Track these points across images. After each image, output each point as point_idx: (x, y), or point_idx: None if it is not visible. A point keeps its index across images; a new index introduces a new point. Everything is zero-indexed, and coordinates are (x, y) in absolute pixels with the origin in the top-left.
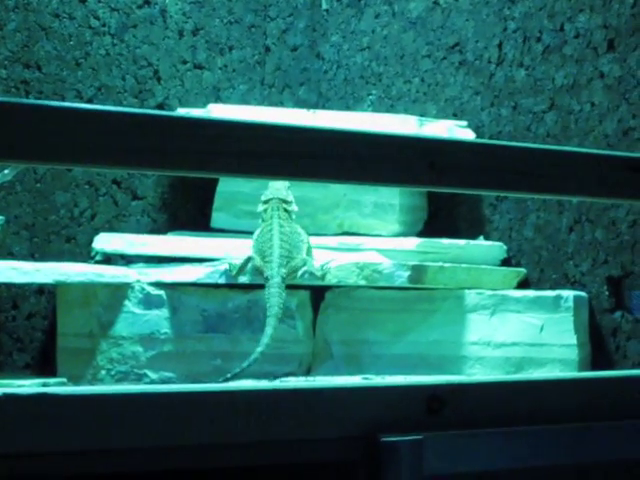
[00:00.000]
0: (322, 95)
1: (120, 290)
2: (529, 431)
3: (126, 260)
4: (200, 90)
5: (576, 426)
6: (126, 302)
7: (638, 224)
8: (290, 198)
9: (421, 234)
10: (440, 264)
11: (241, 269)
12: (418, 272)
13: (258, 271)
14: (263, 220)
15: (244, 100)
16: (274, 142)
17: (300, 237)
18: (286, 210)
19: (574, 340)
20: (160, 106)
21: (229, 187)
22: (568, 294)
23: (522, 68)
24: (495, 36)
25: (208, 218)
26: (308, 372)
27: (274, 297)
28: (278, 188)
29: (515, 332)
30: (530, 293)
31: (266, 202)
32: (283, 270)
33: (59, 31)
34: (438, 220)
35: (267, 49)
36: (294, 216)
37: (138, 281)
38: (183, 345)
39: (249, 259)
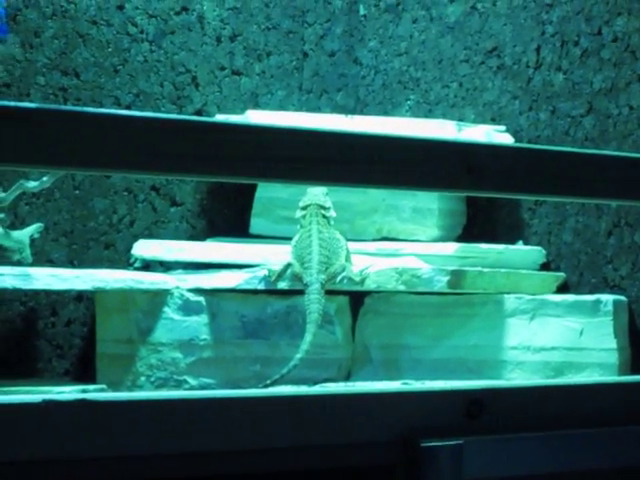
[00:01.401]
0: (360, 100)
1: (159, 296)
2: (569, 435)
3: (165, 266)
4: (238, 96)
5: (616, 430)
6: (165, 308)
7: None
8: (328, 204)
9: (459, 239)
10: (479, 269)
11: (280, 275)
12: (457, 277)
13: (297, 277)
14: (302, 226)
15: (282, 106)
16: (308, 147)
17: (339, 243)
18: (324, 216)
19: (614, 344)
20: (198, 112)
21: (267, 193)
22: (607, 298)
23: (560, 72)
24: (533, 40)
25: (247, 224)
26: (347, 377)
27: (314, 303)
28: (316, 194)
29: (554, 336)
30: (569, 297)
31: (304, 208)
32: (322, 276)
33: (97, 38)
34: (476, 224)
35: (305, 55)
36: (332, 222)
37: (177, 287)
38: (222, 351)
39: (288, 265)
